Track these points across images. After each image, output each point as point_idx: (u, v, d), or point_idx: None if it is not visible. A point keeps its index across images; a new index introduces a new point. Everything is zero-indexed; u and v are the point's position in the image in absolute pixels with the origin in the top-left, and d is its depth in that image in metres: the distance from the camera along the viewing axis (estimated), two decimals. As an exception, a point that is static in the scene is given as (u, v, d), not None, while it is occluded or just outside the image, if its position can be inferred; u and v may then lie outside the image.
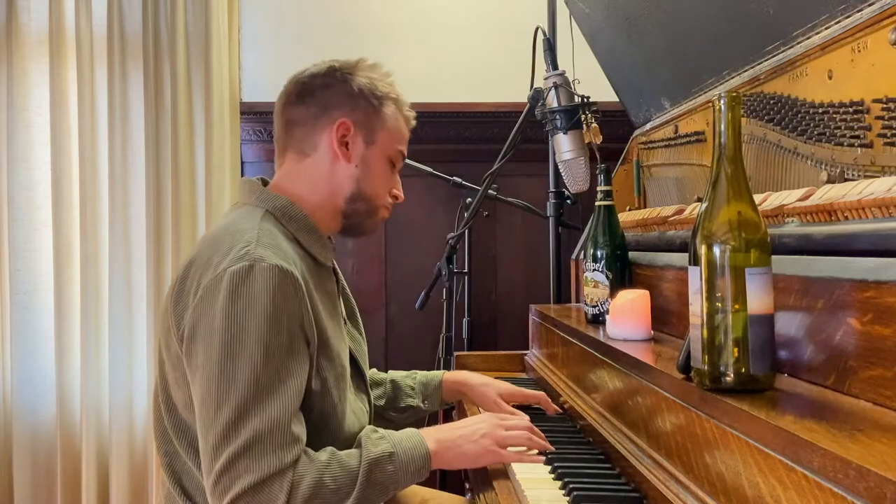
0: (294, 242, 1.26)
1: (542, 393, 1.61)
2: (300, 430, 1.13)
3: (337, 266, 1.45)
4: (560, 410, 1.56)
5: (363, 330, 1.51)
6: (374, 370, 1.63)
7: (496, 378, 1.96)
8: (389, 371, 1.66)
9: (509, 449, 1.26)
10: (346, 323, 1.41)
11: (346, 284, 1.49)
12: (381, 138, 1.34)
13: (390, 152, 1.36)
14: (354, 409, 1.32)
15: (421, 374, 1.63)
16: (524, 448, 1.29)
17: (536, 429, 1.33)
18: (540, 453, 1.28)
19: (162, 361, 1.24)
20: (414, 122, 1.43)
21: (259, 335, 1.11)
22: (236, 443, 1.08)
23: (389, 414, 1.59)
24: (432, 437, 1.24)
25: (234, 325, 1.11)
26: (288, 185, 1.32)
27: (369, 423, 1.39)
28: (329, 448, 1.17)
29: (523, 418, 1.38)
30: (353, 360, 1.38)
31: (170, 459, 1.24)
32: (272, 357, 1.11)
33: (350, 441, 1.24)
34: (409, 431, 1.24)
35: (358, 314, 1.51)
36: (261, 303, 1.11)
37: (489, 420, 1.30)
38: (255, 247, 1.16)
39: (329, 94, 1.33)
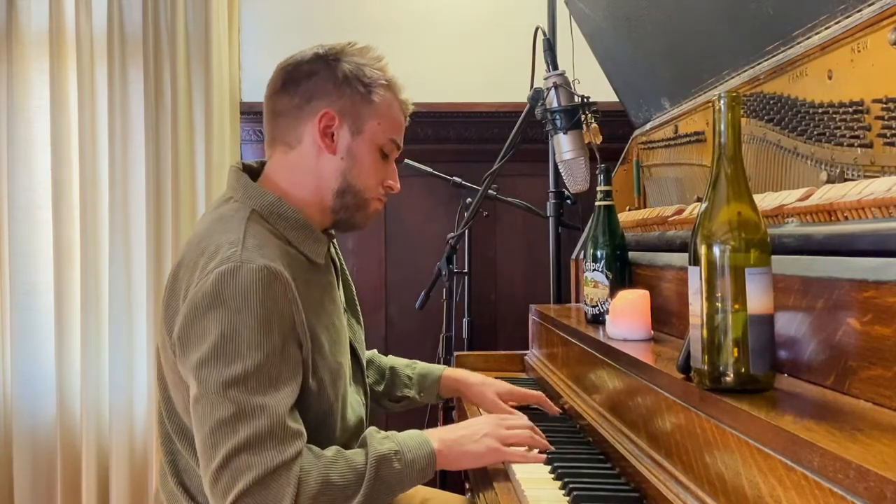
0: (283, 241, 1.23)
1: (541, 393, 1.61)
2: (298, 426, 1.13)
3: (339, 253, 1.43)
4: (560, 411, 1.56)
5: (361, 317, 1.49)
6: (375, 353, 1.63)
7: (496, 378, 1.97)
8: (391, 357, 1.65)
9: (511, 448, 1.26)
10: (346, 312, 1.39)
11: (347, 272, 1.47)
12: (369, 127, 1.28)
13: (381, 141, 1.29)
14: (352, 401, 1.32)
15: (421, 366, 1.62)
16: (525, 448, 1.29)
17: (537, 428, 1.33)
18: (541, 452, 1.29)
19: (160, 363, 1.24)
20: (412, 107, 1.36)
21: (250, 338, 1.10)
22: (235, 440, 1.07)
23: (385, 401, 1.59)
24: (436, 437, 1.23)
25: (224, 327, 1.10)
26: (277, 179, 1.29)
27: (366, 413, 1.39)
28: (335, 446, 1.17)
29: (523, 418, 1.38)
30: (353, 351, 1.38)
31: (173, 458, 1.24)
32: (265, 360, 1.10)
33: (349, 434, 1.24)
34: (412, 432, 1.24)
35: (356, 301, 1.49)
36: (250, 304, 1.10)
37: (490, 420, 1.30)
38: (242, 248, 1.14)
39: (313, 82, 1.27)
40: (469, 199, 2.21)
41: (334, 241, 1.40)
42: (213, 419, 1.09)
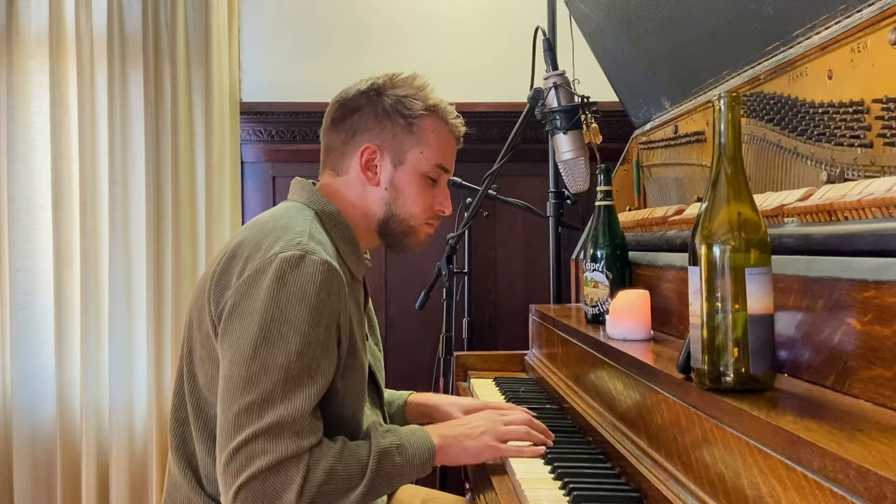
0: (335, 249, 1.27)
1: (511, 404, 1.51)
2: (318, 421, 1.15)
3: (367, 284, 1.44)
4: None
5: (381, 343, 1.52)
6: None
7: (496, 378, 1.97)
8: None
9: (509, 443, 1.28)
10: (367, 338, 1.42)
11: (370, 300, 1.49)
12: (412, 157, 1.33)
13: (425, 169, 1.34)
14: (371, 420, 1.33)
15: (388, 393, 1.59)
16: (524, 442, 1.30)
17: (536, 421, 1.35)
18: (541, 449, 1.29)
19: (191, 339, 1.25)
20: (463, 129, 1.40)
21: (298, 325, 1.12)
22: (258, 424, 1.09)
23: None
24: (435, 433, 1.25)
25: (275, 310, 1.12)
26: (329, 195, 1.34)
27: None
28: (340, 437, 1.18)
29: (523, 413, 1.39)
30: (371, 375, 1.39)
31: (182, 440, 1.25)
32: (307, 349, 1.12)
33: None
34: (413, 427, 1.26)
35: (378, 330, 1.52)
36: (306, 294, 1.13)
37: (488, 416, 1.33)
38: (308, 240, 1.18)
39: (357, 118, 1.33)
40: (469, 199, 2.21)
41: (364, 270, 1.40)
42: (243, 401, 1.10)
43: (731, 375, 0.90)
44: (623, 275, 1.60)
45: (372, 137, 1.32)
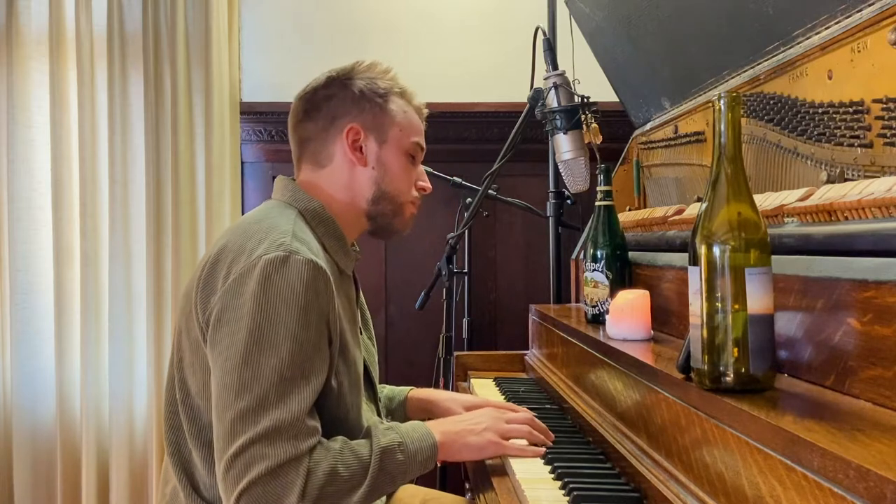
0: (321, 246, 1.26)
1: (516, 406, 1.49)
2: (315, 423, 1.14)
3: (357, 277, 1.45)
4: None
5: (374, 338, 1.52)
6: None
7: (496, 378, 1.97)
8: None
9: (510, 442, 1.28)
10: (361, 333, 1.41)
11: (362, 295, 1.49)
12: (392, 135, 1.34)
13: (406, 146, 1.36)
14: (367, 417, 1.33)
15: (388, 389, 1.61)
16: (525, 441, 1.30)
17: (538, 421, 1.35)
18: (542, 449, 1.29)
19: (180, 346, 1.24)
20: (426, 111, 1.43)
21: (288, 327, 1.11)
22: (254, 430, 1.08)
23: None
24: (437, 429, 1.25)
25: (263, 314, 1.11)
26: (312, 190, 1.33)
27: None
28: (340, 437, 1.18)
29: (524, 412, 1.39)
30: (366, 370, 1.39)
31: (177, 447, 1.24)
32: (298, 351, 1.12)
33: None
34: (414, 423, 1.26)
35: (371, 324, 1.52)
36: (293, 295, 1.12)
37: (491, 413, 1.33)
38: (292, 240, 1.17)
39: (333, 104, 1.34)
40: (469, 199, 2.21)
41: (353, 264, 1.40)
42: (237, 407, 1.09)
43: (731, 375, 0.90)
44: (623, 275, 1.60)
45: (353, 119, 1.33)
